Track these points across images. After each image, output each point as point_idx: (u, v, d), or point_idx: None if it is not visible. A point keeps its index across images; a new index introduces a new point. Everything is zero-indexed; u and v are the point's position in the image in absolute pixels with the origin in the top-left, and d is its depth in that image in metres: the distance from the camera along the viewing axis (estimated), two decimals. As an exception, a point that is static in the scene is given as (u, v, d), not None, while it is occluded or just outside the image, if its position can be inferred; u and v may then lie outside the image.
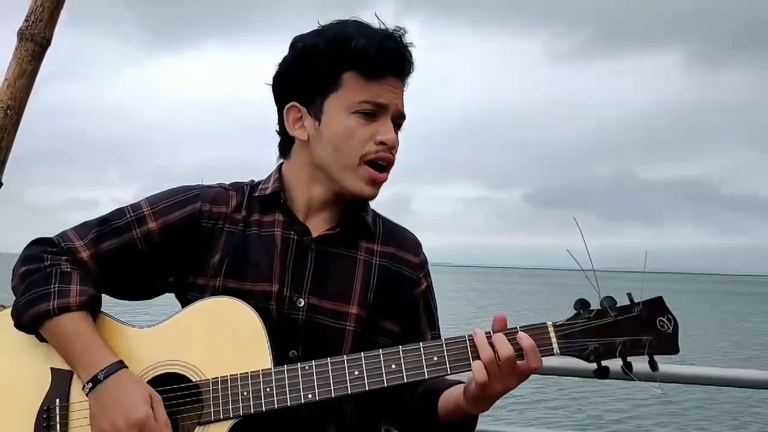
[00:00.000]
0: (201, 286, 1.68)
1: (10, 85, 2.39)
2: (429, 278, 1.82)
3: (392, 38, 1.66)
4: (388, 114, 1.66)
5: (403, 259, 1.77)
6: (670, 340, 1.54)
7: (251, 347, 1.57)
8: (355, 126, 1.64)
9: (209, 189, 1.74)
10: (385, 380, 1.53)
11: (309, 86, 1.67)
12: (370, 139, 1.64)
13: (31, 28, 2.42)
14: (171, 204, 1.71)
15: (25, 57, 2.42)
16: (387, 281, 1.73)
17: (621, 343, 1.53)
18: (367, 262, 1.73)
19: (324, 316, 1.67)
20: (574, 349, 1.54)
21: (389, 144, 1.66)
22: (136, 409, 1.50)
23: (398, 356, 1.54)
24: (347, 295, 1.69)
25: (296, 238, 1.69)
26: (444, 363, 1.54)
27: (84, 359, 1.58)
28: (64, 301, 1.60)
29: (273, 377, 1.54)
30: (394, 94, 1.66)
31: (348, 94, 1.64)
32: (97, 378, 1.55)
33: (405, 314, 1.75)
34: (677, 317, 1.56)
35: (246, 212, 1.72)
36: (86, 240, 1.69)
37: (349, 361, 1.55)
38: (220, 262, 1.67)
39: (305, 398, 1.53)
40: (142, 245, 1.69)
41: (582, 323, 1.54)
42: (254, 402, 1.54)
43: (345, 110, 1.64)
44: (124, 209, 1.72)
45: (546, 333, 1.54)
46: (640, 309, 1.55)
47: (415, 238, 1.83)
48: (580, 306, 1.56)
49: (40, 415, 1.60)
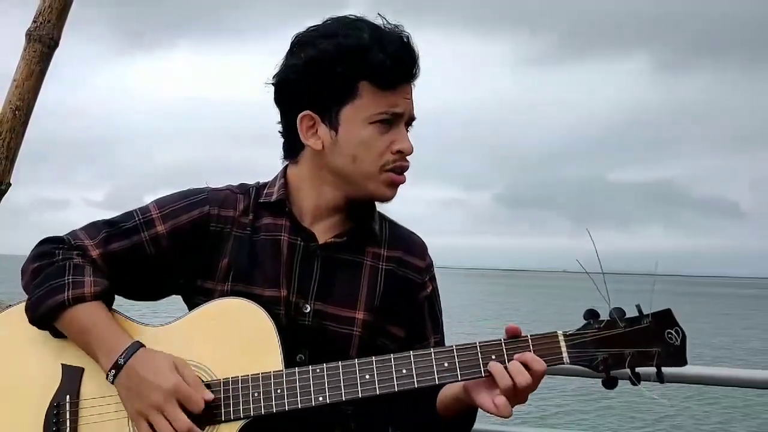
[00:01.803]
0: (209, 289, 1.68)
1: (19, 85, 2.41)
2: (434, 282, 1.83)
3: (406, 47, 1.66)
4: (402, 121, 1.67)
5: (410, 263, 1.78)
6: (678, 353, 1.55)
7: (262, 349, 1.57)
8: (373, 136, 1.64)
9: (218, 192, 1.75)
10: (396, 385, 1.54)
11: (323, 95, 1.65)
12: (387, 149, 1.65)
13: (39, 30, 2.44)
14: (179, 207, 1.72)
15: (33, 58, 2.43)
16: (393, 286, 1.74)
17: (630, 354, 1.54)
18: (374, 267, 1.74)
19: (330, 321, 1.67)
20: (584, 359, 1.55)
21: (406, 152, 1.67)
22: (166, 380, 1.53)
23: (409, 361, 1.55)
24: (354, 301, 1.69)
25: (302, 244, 1.70)
26: (455, 369, 1.55)
27: (103, 347, 1.59)
28: (79, 291, 1.61)
29: (284, 379, 1.55)
30: (407, 100, 1.68)
31: (365, 105, 1.64)
32: (119, 364, 1.56)
33: (410, 318, 1.76)
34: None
35: (253, 216, 1.72)
36: (96, 240, 1.69)
37: (360, 365, 1.55)
38: (228, 266, 1.68)
39: (316, 401, 1.53)
40: (150, 248, 1.69)
41: (592, 333, 1.55)
42: (265, 403, 1.54)
43: (363, 121, 1.64)
44: (132, 212, 1.72)
45: (556, 342, 1.55)
46: (649, 321, 1.56)
47: (422, 242, 1.84)
48: (589, 316, 1.57)
49: (50, 412, 1.60)
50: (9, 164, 2.27)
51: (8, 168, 2.26)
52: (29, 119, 2.36)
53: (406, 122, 1.69)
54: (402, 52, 1.65)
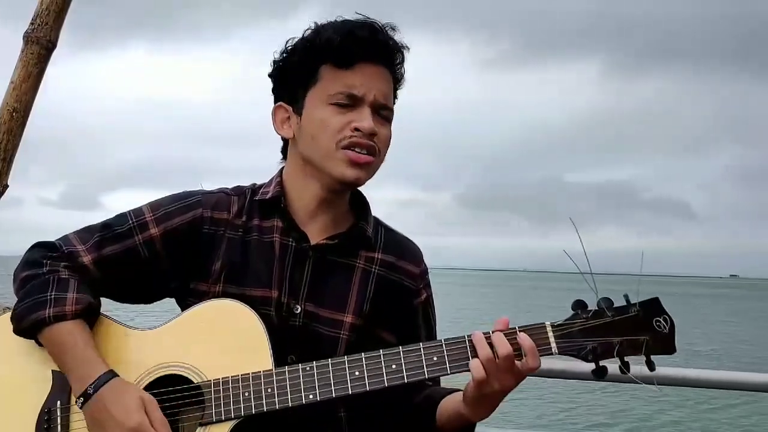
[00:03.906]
0: (202, 291, 1.69)
1: (16, 88, 2.42)
2: (429, 289, 1.82)
3: (364, 26, 1.66)
4: (365, 104, 1.66)
5: (403, 268, 1.77)
6: (666, 340, 1.55)
7: (252, 349, 1.58)
8: (330, 115, 1.65)
9: (211, 195, 1.75)
10: (385, 380, 1.54)
11: (292, 85, 1.71)
12: (345, 126, 1.65)
13: (36, 32, 2.44)
14: (172, 210, 1.72)
15: (30, 60, 2.44)
16: (385, 290, 1.73)
17: (618, 343, 1.54)
18: (366, 271, 1.73)
19: (319, 323, 1.67)
20: (572, 348, 1.55)
21: (365, 130, 1.64)
22: (129, 418, 1.51)
23: (398, 356, 1.56)
24: (343, 304, 1.69)
25: (294, 245, 1.70)
26: (444, 363, 1.55)
27: (76, 372, 1.58)
28: (60, 309, 1.60)
29: (274, 378, 1.55)
30: (371, 82, 1.66)
31: (324, 86, 1.66)
32: (87, 392, 1.55)
33: (402, 324, 1.75)
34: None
35: (246, 217, 1.72)
36: (88, 245, 1.70)
37: (350, 362, 1.56)
38: (221, 268, 1.68)
39: (306, 398, 1.54)
40: (144, 251, 1.69)
41: (580, 323, 1.56)
42: (255, 402, 1.54)
43: (322, 102, 1.66)
44: (126, 215, 1.73)
45: (544, 332, 1.55)
46: (636, 310, 1.56)
47: (417, 248, 1.83)
48: (577, 307, 1.58)
49: (41, 417, 1.61)
50: (6, 166, 2.29)
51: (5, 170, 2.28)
52: (27, 121, 2.37)
53: (375, 107, 1.67)
54: (358, 31, 1.65)
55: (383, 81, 1.69)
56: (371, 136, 1.65)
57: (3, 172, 2.27)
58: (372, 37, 1.66)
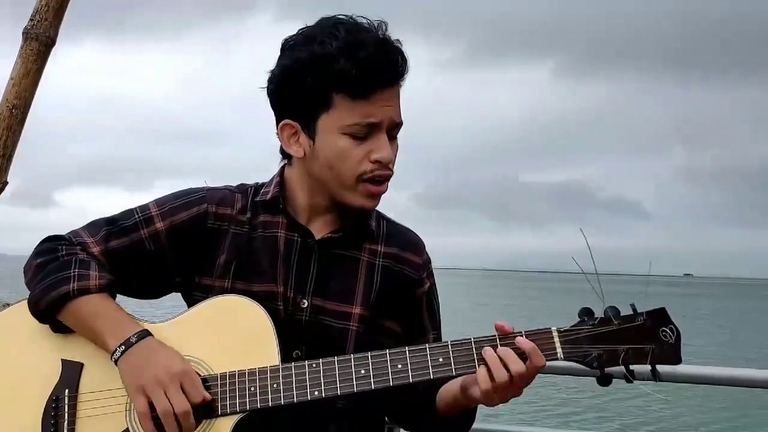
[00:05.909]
0: (207, 286, 1.70)
1: (16, 84, 2.42)
2: (432, 278, 1.84)
3: (379, 52, 1.59)
4: (382, 130, 1.63)
5: (406, 259, 1.79)
6: (672, 350, 1.56)
7: (260, 344, 1.59)
8: (348, 147, 1.62)
9: (216, 191, 1.77)
10: (391, 380, 1.55)
11: (300, 105, 1.64)
12: (364, 158, 1.62)
13: (36, 28, 2.45)
14: (178, 205, 1.74)
15: (30, 56, 2.44)
16: (390, 282, 1.75)
17: (624, 351, 1.55)
18: (370, 263, 1.75)
19: (327, 316, 1.69)
20: (577, 354, 1.56)
21: (385, 162, 1.64)
22: (175, 364, 1.55)
23: (404, 356, 1.56)
24: (350, 296, 1.71)
25: (299, 240, 1.71)
26: (449, 364, 1.56)
27: (112, 330, 1.60)
28: (84, 283, 1.63)
29: (280, 373, 1.56)
30: (387, 107, 1.62)
31: (339, 116, 1.60)
32: (130, 341, 1.57)
33: (407, 314, 1.77)
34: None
35: (251, 214, 1.74)
36: (97, 237, 1.72)
37: (356, 360, 1.57)
38: (226, 263, 1.70)
39: (311, 395, 1.55)
40: (150, 245, 1.71)
41: (586, 330, 1.57)
42: (261, 397, 1.55)
43: (337, 131, 1.62)
44: (132, 210, 1.75)
45: (550, 338, 1.56)
46: (643, 318, 1.57)
47: (418, 239, 1.84)
48: (584, 314, 1.59)
49: (48, 405, 1.62)
50: (6, 163, 2.29)
51: (5, 166, 2.27)
52: (26, 117, 2.36)
53: (388, 129, 1.65)
54: (374, 58, 1.59)
55: (396, 98, 1.65)
56: (389, 165, 1.65)
57: (3, 169, 2.25)
58: (387, 61, 1.61)
